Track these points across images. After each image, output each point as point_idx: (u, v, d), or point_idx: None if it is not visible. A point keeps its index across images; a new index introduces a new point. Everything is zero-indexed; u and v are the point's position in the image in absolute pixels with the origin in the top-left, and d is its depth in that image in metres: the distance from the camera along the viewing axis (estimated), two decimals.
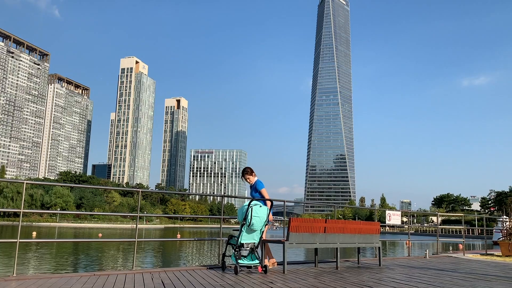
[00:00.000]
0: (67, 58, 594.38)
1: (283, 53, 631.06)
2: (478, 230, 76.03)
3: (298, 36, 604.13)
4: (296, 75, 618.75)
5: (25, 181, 6.03)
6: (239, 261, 6.58)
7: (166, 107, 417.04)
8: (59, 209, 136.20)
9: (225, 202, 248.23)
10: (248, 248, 6.71)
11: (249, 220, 6.61)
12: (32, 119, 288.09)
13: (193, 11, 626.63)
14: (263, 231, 6.90)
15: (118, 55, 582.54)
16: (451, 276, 6.96)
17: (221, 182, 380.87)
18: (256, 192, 7.73)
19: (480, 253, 13.73)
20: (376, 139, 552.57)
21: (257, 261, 6.79)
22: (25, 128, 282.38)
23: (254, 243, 6.79)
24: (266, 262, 7.18)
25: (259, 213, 6.73)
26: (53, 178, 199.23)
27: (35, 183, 6.56)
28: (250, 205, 6.72)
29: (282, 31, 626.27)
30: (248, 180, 7.87)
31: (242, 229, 6.68)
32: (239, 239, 6.66)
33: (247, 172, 7.89)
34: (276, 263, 7.75)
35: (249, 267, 7.03)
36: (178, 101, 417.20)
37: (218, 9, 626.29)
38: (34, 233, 58.07)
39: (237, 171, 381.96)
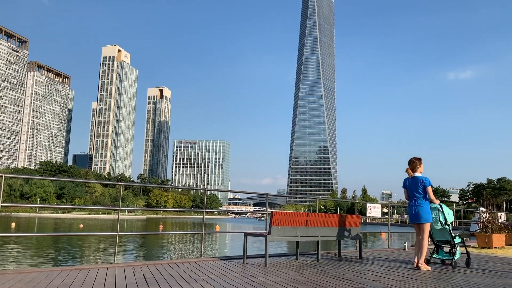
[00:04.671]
0: (47, 46, 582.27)
1: (270, 45, 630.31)
2: (456, 221, 77.75)
3: (285, 28, 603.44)
4: (282, 66, 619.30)
5: (3, 175, 5.90)
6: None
7: (149, 96, 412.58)
8: (39, 199, 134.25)
9: (208, 193, 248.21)
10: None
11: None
12: (10, 108, 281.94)
13: (178, 2, 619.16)
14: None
15: (100, 43, 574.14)
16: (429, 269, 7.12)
17: (204, 172, 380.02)
18: (418, 188, 6.91)
19: None
20: (359, 131, 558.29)
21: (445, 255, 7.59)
22: (3, 116, 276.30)
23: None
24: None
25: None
26: (33, 168, 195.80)
27: (14, 176, 6.42)
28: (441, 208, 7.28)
29: (268, 22, 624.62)
30: (417, 171, 7.01)
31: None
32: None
33: (415, 163, 7.05)
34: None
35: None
36: (161, 90, 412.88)
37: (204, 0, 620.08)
38: (13, 224, 57.09)
39: (221, 162, 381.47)
